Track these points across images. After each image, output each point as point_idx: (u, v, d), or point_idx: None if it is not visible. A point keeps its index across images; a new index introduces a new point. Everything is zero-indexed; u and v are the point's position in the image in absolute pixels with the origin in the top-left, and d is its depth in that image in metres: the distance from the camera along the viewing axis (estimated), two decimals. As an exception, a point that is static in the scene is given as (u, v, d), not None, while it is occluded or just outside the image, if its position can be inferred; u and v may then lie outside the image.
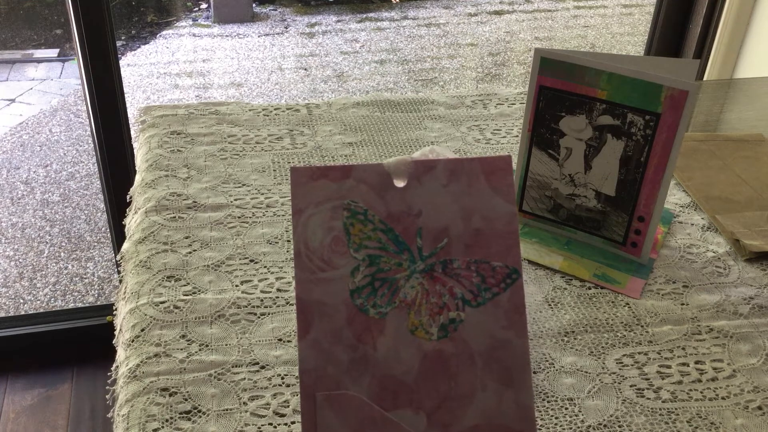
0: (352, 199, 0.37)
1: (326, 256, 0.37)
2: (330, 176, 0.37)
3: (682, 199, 0.94)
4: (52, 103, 3.23)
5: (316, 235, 0.37)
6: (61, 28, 3.77)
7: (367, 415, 0.36)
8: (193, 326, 0.71)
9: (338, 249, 0.37)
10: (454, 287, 0.37)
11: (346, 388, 0.37)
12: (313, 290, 0.37)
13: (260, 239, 0.83)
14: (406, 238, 0.37)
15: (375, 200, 0.37)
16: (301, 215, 0.37)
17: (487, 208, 0.37)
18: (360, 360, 0.37)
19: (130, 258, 0.81)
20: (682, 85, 0.73)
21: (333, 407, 0.36)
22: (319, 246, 0.37)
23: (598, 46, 4.02)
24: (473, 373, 0.37)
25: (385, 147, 1.02)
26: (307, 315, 0.37)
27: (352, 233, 0.37)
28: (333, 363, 0.36)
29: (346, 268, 0.37)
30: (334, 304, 0.37)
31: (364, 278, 0.37)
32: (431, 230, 0.37)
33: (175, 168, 0.95)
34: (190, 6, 4.32)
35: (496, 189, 0.37)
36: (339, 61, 3.82)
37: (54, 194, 2.58)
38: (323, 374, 0.36)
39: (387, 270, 0.37)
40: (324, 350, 0.37)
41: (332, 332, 0.36)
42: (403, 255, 0.37)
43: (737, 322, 0.74)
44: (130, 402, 0.63)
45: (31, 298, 2.08)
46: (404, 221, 0.37)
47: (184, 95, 3.40)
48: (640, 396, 0.66)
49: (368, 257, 0.37)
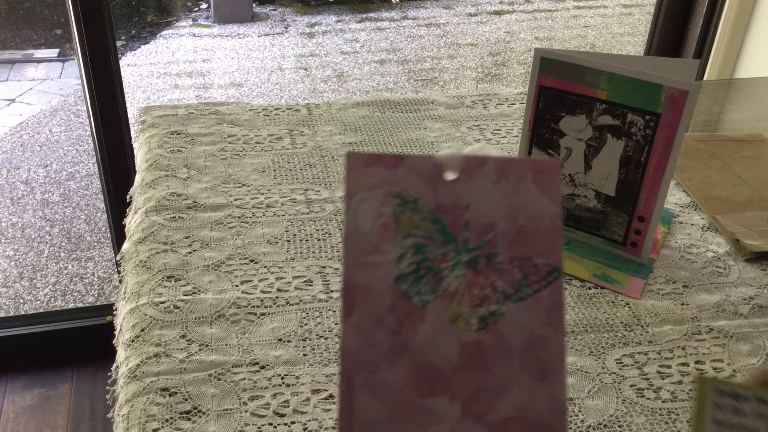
0: (403, 188, 0.38)
1: (375, 241, 0.37)
2: (383, 163, 0.38)
3: (682, 199, 0.94)
4: (52, 103, 3.23)
5: (366, 220, 0.38)
6: (61, 28, 3.77)
7: (404, 401, 0.37)
8: (193, 326, 0.71)
9: (386, 235, 0.38)
10: (497, 281, 0.38)
11: (385, 372, 0.37)
12: (359, 273, 0.37)
13: (260, 239, 0.83)
14: (453, 229, 0.38)
15: (425, 190, 0.38)
16: (353, 199, 0.38)
17: (533, 207, 0.38)
18: (400, 346, 0.37)
19: (130, 258, 0.81)
20: (682, 85, 0.73)
21: (371, 390, 0.37)
22: (368, 230, 0.38)
23: (598, 46, 4.02)
24: (510, 366, 0.38)
25: (385, 147, 1.02)
26: (351, 297, 0.37)
27: (401, 221, 0.38)
28: (373, 347, 0.37)
29: (393, 254, 0.38)
30: (378, 288, 0.37)
31: (409, 265, 0.38)
32: (478, 224, 0.38)
33: (175, 168, 0.95)
34: (190, 6, 4.32)
35: (543, 190, 0.38)
36: (339, 61, 3.82)
37: (54, 194, 2.58)
38: (363, 357, 0.37)
39: (433, 259, 0.38)
40: (365, 334, 0.37)
41: (375, 316, 0.37)
42: (449, 246, 0.38)
43: (737, 322, 0.74)
44: (130, 402, 0.63)
45: (31, 298, 2.08)
46: (452, 213, 0.38)
47: (184, 95, 3.40)
48: (640, 396, 0.66)
49: (415, 245, 0.38)
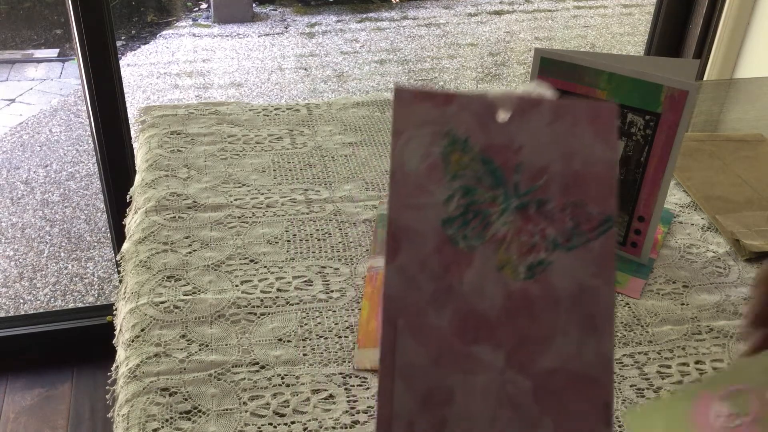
0: (453, 127, 0.36)
1: (422, 181, 0.36)
2: (433, 101, 0.36)
3: (682, 199, 0.94)
4: (52, 103, 3.23)
5: (413, 160, 0.36)
6: (61, 28, 3.77)
7: (447, 347, 0.36)
8: (193, 326, 0.71)
9: (434, 176, 0.36)
10: (547, 228, 0.36)
11: (428, 317, 0.36)
12: (405, 215, 0.36)
13: (260, 239, 0.83)
14: (503, 172, 0.36)
15: (476, 130, 0.36)
16: (400, 137, 0.36)
17: (588, 152, 0.36)
18: (444, 291, 0.36)
19: (130, 258, 0.81)
20: (682, 85, 0.73)
21: (413, 335, 0.36)
22: (416, 171, 0.36)
23: (598, 46, 4.02)
24: (556, 317, 0.37)
25: (385, 147, 1.02)
26: (396, 240, 0.36)
27: (450, 161, 0.36)
28: (417, 291, 0.36)
29: (440, 196, 0.36)
30: (424, 231, 0.36)
31: (457, 208, 0.36)
32: (530, 168, 0.36)
33: (175, 168, 0.95)
34: (190, 6, 4.32)
35: (598, 134, 0.36)
36: (339, 61, 3.82)
37: (54, 194, 2.58)
38: (406, 301, 0.36)
39: (481, 203, 0.36)
40: (409, 277, 0.36)
41: (419, 260, 0.36)
42: (499, 189, 0.36)
43: (737, 322, 0.74)
44: (130, 402, 0.63)
45: (31, 298, 2.08)
46: (504, 155, 0.36)
47: (184, 95, 3.40)
48: (640, 396, 0.66)
49: (463, 188, 0.36)
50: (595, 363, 0.36)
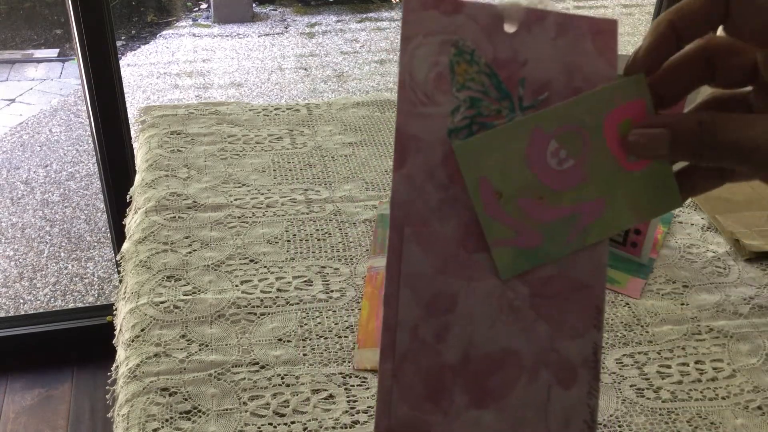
0: (461, 37, 0.36)
1: (429, 90, 0.36)
2: (441, 8, 0.36)
3: (682, 199, 0.94)
4: (52, 103, 3.23)
5: (421, 68, 0.36)
6: (61, 28, 3.77)
7: (452, 254, 0.37)
8: (193, 326, 0.71)
9: (441, 86, 0.36)
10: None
11: (433, 225, 0.37)
12: (412, 123, 0.36)
13: (260, 239, 0.83)
14: (508, 85, 0.37)
15: (483, 41, 0.36)
16: (410, 43, 0.36)
17: (589, 68, 0.37)
18: (449, 200, 0.37)
19: (130, 258, 0.81)
20: (682, 85, 0.72)
21: (420, 242, 0.37)
22: (424, 79, 0.36)
23: (598, 46, 4.01)
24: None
25: (385, 147, 1.02)
26: (403, 148, 0.36)
27: (457, 72, 0.36)
28: (423, 199, 0.37)
29: (446, 106, 0.36)
30: (430, 140, 0.36)
31: (463, 119, 0.36)
32: (534, 81, 0.37)
33: (175, 168, 0.95)
34: (190, 6, 4.32)
35: (600, 51, 0.37)
36: (339, 61, 3.82)
37: (54, 194, 2.58)
38: (413, 209, 0.37)
39: (486, 115, 0.36)
40: (416, 185, 0.36)
41: (426, 169, 0.36)
42: (504, 102, 0.37)
43: (737, 322, 0.74)
44: (130, 402, 0.63)
45: (31, 298, 2.08)
46: (509, 68, 0.37)
47: (184, 95, 3.40)
48: (640, 396, 0.66)
49: (469, 99, 0.37)
50: (589, 269, 0.38)
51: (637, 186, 0.37)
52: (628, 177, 0.37)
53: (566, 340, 0.38)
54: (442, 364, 0.37)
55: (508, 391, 0.38)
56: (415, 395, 0.37)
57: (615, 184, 0.37)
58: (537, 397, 0.38)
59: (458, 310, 0.37)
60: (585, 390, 0.38)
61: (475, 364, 0.38)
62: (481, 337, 0.38)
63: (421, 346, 0.37)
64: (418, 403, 0.37)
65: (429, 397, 0.38)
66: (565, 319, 0.38)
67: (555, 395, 0.38)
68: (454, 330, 0.37)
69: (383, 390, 0.37)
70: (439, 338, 0.37)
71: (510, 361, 0.38)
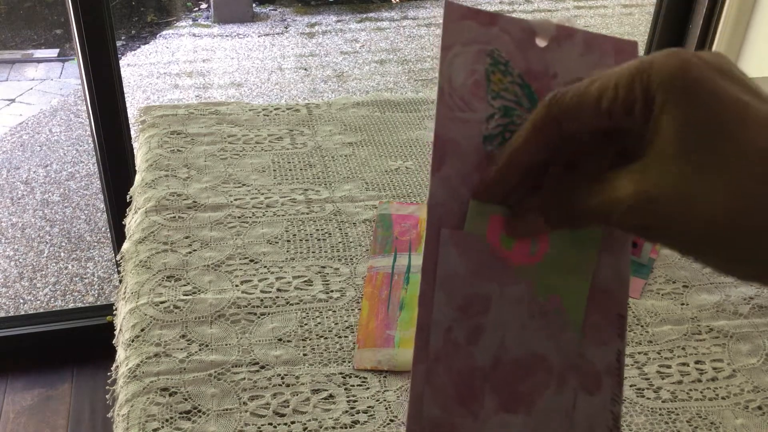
0: (496, 48, 0.38)
1: (466, 97, 0.38)
2: (478, 19, 0.38)
3: (682, 199, 0.94)
4: (52, 103, 3.23)
5: (459, 75, 0.37)
6: (61, 28, 3.77)
7: (487, 257, 0.38)
8: (193, 326, 0.71)
9: (477, 93, 0.38)
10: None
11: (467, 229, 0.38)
12: (450, 128, 0.37)
13: (260, 239, 0.83)
14: (539, 96, 0.38)
15: (516, 54, 0.38)
16: (449, 52, 0.37)
17: None
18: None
19: (130, 258, 0.81)
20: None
21: (456, 244, 0.37)
22: (461, 86, 0.37)
23: (598, 46, 4.01)
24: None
25: (385, 147, 1.02)
26: (442, 151, 0.37)
27: (492, 81, 0.38)
28: (459, 202, 0.37)
29: (482, 113, 0.38)
30: (466, 146, 0.37)
31: (497, 127, 0.38)
32: None
33: (175, 168, 0.95)
34: (190, 6, 4.32)
35: None
36: (339, 61, 3.82)
37: (54, 194, 2.58)
38: (449, 211, 0.37)
39: (518, 124, 0.38)
40: (453, 188, 0.37)
41: (462, 173, 0.37)
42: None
43: (737, 322, 0.74)
44: (130, 402, 0.63)
45: (31, 298, 2.08)
46: (540, 80, 0.38)
47: (184, 95, 3.40)
48: (640, 396, 0.66)
49: (503, 107, 0.38)
50: (612, 278, 0.39)
51: (553, 267, 0.39)
52: (541, 266, 0.38)
53: (592, 346, 0.39)
54: (473, 366, 0.38)
55: (537, 397, 0.38)
56: (446, 397, 0.38)
57: (543, 280, 0.39)
58: (564, 403, 0.39)
59: (491, 313, 0.38)
60: (608, 397, 0.39)
61: (505, 367, 0.38)
62: (512, 341, 0.38)
63: (453, 347, 0.38)
64: (449, 405, 0.38)
65: (460, 400, 0.38)
66: (590, 326, 0.39)
67: (581, 402, 0.39)
68: (486, 333, 0.38)
69: (416, 392, 0.37)
70: (472, 340, 0.38)
71: (540, 366, 0.38)
